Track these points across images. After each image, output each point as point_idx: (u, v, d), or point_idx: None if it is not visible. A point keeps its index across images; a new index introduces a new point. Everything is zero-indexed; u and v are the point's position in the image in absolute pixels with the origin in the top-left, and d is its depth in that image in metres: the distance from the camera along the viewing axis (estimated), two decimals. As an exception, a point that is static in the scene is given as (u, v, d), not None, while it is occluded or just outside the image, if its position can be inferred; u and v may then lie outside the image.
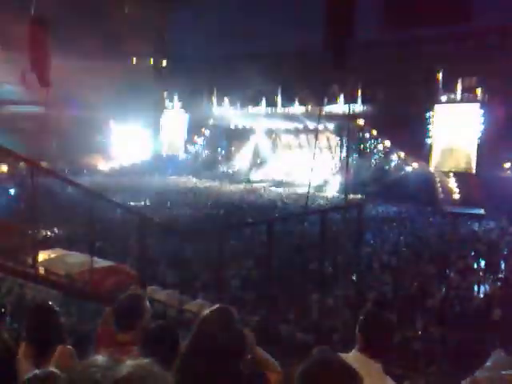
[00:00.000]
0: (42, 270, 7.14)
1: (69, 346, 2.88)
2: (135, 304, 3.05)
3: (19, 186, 25.15)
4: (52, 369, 2.52)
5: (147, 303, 3.08)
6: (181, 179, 41.84)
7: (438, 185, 33.83)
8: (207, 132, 49.06)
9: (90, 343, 3.48)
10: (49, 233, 16.88)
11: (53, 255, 9.00)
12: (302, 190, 34.59)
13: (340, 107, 39.11)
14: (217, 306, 2.29)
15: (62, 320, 3.05)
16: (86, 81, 47.51)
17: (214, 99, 47.45)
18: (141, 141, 53.91)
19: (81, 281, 7.19)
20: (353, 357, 2.40)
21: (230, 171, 47.44)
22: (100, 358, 0.76)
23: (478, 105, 33.97)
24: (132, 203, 28.15)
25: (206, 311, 2.24)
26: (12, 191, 25.91)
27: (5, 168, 38.73)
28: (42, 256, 8.14)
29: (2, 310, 5.90)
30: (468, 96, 34.21)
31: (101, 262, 8.46)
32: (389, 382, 2.46)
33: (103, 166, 50.79)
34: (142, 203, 29.75)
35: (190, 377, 2.02)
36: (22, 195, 21.19)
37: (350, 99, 37.43)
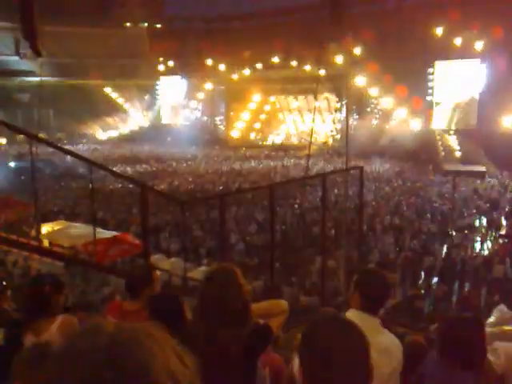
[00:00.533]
0: (45, 243, 7.19)
1: (72, 316, 2.92)
2: (145, 272, 3.14)
3: (19, 158, 25.05)
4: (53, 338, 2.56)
5: (157, 273, 3.16)
6: (179, 147, 41.64)
7: (439, 143, 33.62)
8: (205, 97, 48.44)
9: (96, 313, 3.54)
10: (51, 205, 16.92)
11: (56, 227, 9.05)
12: (303, 153, 34.46)
13: (338, 67, 38.33)
14: (218, 265, 2.35)
15: (62, 290, 3.07)
16: (81, 47, 46.82)
17: (210, 63, 46.61)
18: (138, 107, 53.42)
19: (85, 252, 7.24)
20: (351, 314, 2.42)
21: (230, 137, 47.11)
22: (100, 322, 0.75)
23: (478, 60, 33.45)
24: (131, 170, 28.21)
25: (209, 271, 2.30)
26: (12, 164, 25.82)
27: (3, 141, 38.57)
28: (46, 228, 8.18)
29: (4, 282, 5.95)
30: (469, 50, 33.47)
31: (104, 233, 8.52)
32: (388, 336, 2.49)
33: (101, 134, 50.44)
34: (143, 170, 29.81)
35: (199, 334, 2.08)
36: (23, 168, 21.15)
37: (348, 58, 36.70)
